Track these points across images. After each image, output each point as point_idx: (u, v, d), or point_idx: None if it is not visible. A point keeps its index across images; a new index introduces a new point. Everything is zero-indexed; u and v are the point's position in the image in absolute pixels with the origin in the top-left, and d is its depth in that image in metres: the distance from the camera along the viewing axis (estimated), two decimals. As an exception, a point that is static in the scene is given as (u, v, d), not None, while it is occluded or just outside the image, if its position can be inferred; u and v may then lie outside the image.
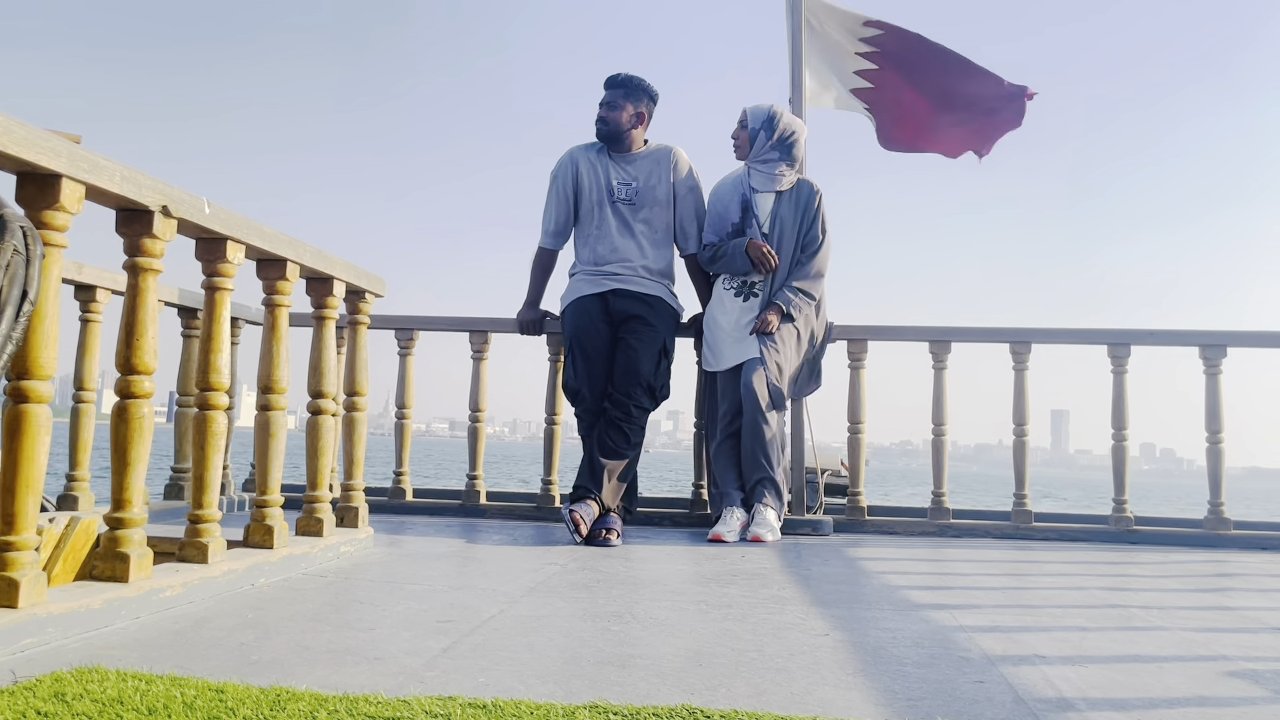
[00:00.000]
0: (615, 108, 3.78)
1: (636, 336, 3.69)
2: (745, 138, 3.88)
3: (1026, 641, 1.97)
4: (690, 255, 3.97)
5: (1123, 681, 1.67)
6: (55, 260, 1.72)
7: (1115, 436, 4.13)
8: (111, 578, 1.90)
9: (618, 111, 3.78)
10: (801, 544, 3.55)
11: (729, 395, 3.78)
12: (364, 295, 3.03)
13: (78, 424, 3.46)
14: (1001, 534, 4.04)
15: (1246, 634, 2.13)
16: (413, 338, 4.29)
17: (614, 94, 3.79)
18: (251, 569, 2.29)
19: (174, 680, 1.41)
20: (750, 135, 3.86)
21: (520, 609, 2.12)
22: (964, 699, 1.52)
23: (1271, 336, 4.16)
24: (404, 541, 3.24)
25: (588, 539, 3.33)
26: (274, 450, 2.53)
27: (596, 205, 3.82)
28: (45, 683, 1.37)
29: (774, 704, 1.44)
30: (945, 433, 4.17)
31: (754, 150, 3.85)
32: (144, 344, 1.98)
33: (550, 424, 4.19)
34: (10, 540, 1.66)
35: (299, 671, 1.54)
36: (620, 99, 3.78)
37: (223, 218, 2.21)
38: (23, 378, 1.69)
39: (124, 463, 1.96)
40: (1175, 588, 2.91)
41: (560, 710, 1.34)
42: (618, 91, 3.79)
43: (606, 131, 3.80)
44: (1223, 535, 3.99)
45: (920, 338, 4.21)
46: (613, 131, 3.79)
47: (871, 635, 1.98)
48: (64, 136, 1.74)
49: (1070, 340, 4.30)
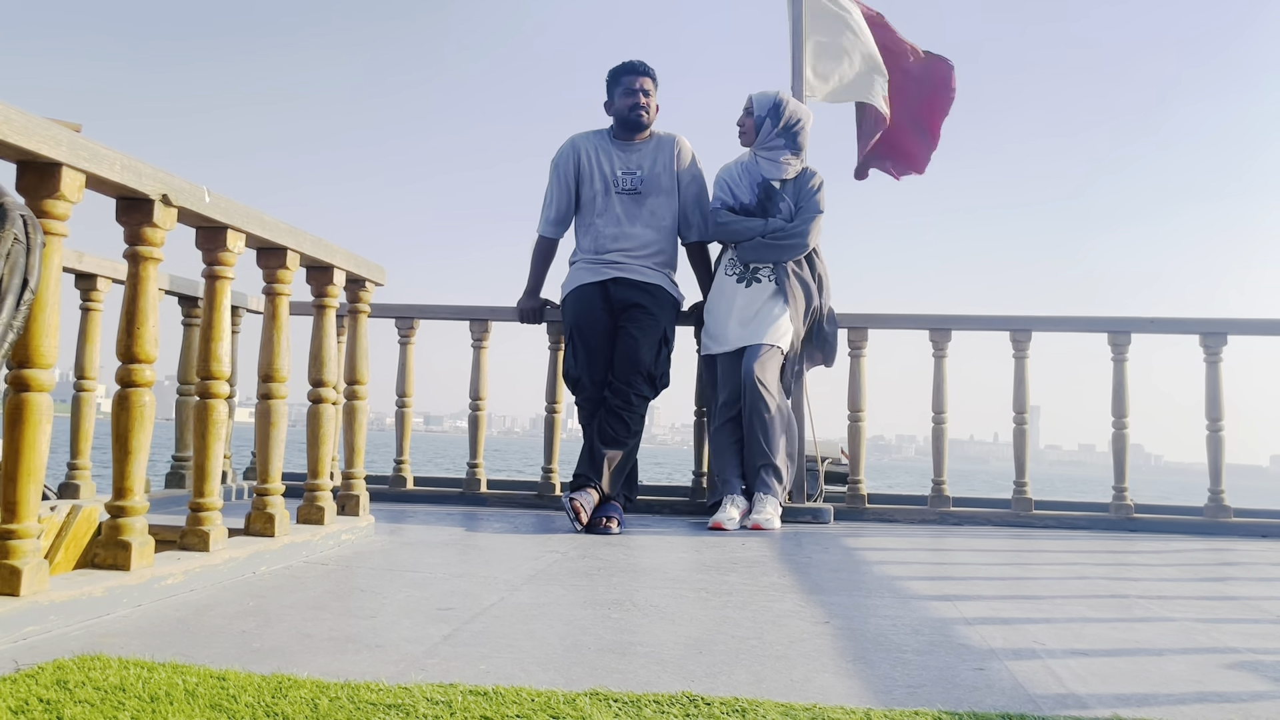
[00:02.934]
0: (648, 95, 3.77)
1: (637, 325, 3.68)
2: (751, 125, 3.84)
3: (1027, 630, 1.98)
4: (692, 244, 3.96)
5: (1124, 670, 1.67)
6: (56, 249, 1.72)
7: (1115, 425, 4.13)
8: (113, 566, 1.90)
9: (649, 99, 3.77)
10: (802, 532, 3.55)
11: (729, 382, 3.77)
12: (364, 284, 3.02)
13: (79, 412, 3.46)
14: (1002, 522, 4.05)
15: (1249, 623, 2.14)
16: (413, 326, 4.28)
17: (645, 81, 3.76)
18: (253, 557, 2.29)
19: (176, 668, 1.42)
20: (756, 122, 3.82)
21: (521, 596, 2.13)
22: (964, 686, 1.52)
23: (1272, 324, 4.14)
24: (405, 529, 3.24)
25: (588, 527, 3.34)
26: (275, 439, 2.53)
27: (599, 193, 3.80)
28: (47, 670, 1.37)
29: (774, 691, 1.45)
30: (945, 420, 4.17)
31: (759, 138, 3.81)
32: (145, 332, 1.98)
33: (550, 412, 4.20)
34: (12, 528, 1.66)
35: (300, 659, 1.54)
36: (651, 87, 3.77)
37: (223, 206, 2.21)
38: (24, 366, 1.69)
39: (125, 451, 1.96)
40: (1176, 576, 2.92)
41: (561, 697, 1.35)
42: (649, 79, 3.77)
43: (644, 121, 3.78)
44: (1223, 523, 4.00)
45: (920, 326, 4.21)
46: (647, 122, 3.78)
47: (871, 623, 1.98)
48: (65, 125, 1.73)
49: (1070, 328, 4.29)
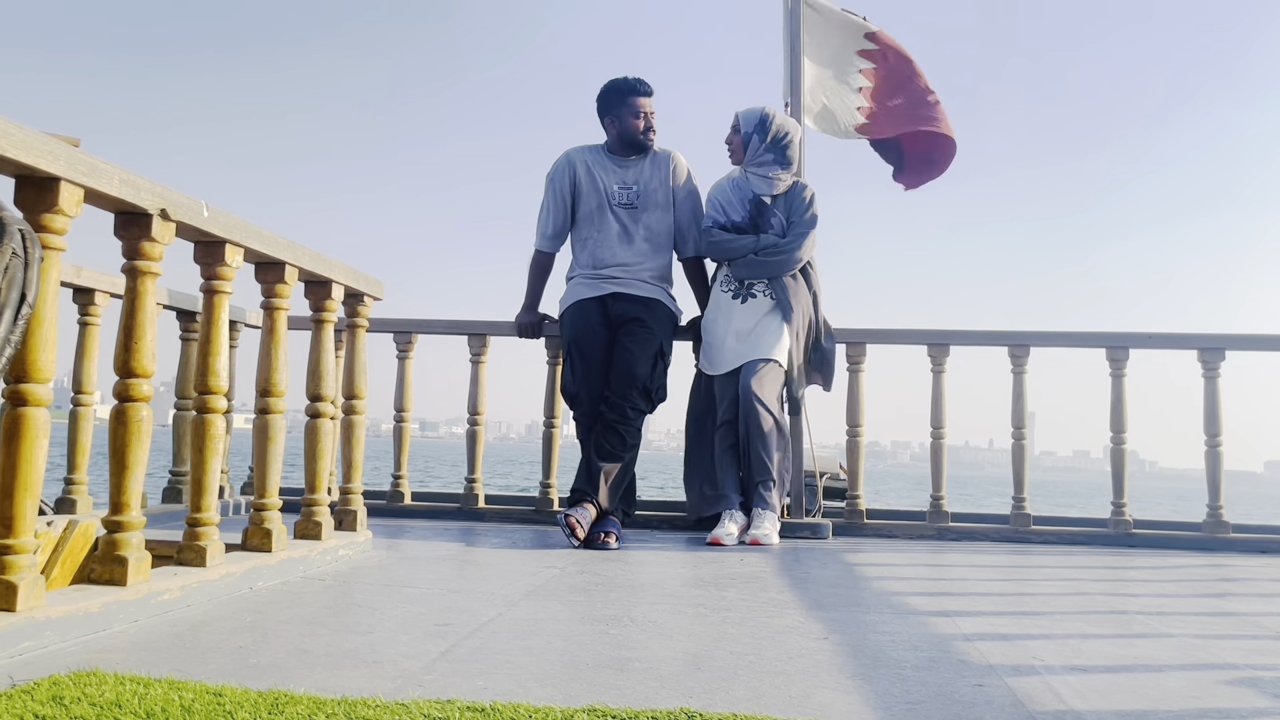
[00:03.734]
0: (652, 115, 3.80)
1: (634, 339, 3.69)
2: (739, 142, 3.83)
3: (1026, 646, 1.97)
4: (688, 259, 3.97)
5: (1123, 687, 1.66)
6: (54, 263, 1.72)
7: (1114, 440, 4.12)
8: (110, 581, 1.89)
9: (653, 118, 3.80)
10: (800, 547, 3.55)
11: (727, 398, 3.76)
12: (362, 298, 3.02)
13: (76, 427, 3.45)
14: (1000, 537, 4.04)
15: (1248, 639, 2.13)
16: (411, 341, 4.28)
17: (651, 102, 3.80)
18: (250, 572, 2.29)
19: (172, 683, 1.41)
20: (744, 139, 3.82)
21: (519, 612, 2.12)
22: (963, 703, 1.52)
23: (1269, 340, 4.15)
24: (402, 545, 3.23)
25: (586, 542, 3.33)
26: (272, 453, 2.53)
27: (596, 209, 3.81)
28: (43, 686, 1.37)
29: (773, 707, 1.44)
30: (944, 435, 4.17)
31: (748, 154, 3.81)
32: (142, 347, 1.98)
33: (549, 426, 4.20)
34: (8, 543, 1.66)
35: (297, 675, 1.53)
36: (654, 108, 3.80)
37: (221, 221, 2.21)
38: (21, 381, 1.69)
39: (122, 466, 1.96)
40: (1175, 592, 2.91)
41: (559, 714, 1.34)
42: (652, 99, 3.81)
43: (652, 143, 3.82)
44: (1222, 538, 3.99)
45: (919, 341, 4.21)
46: (653, 143, 3.82)
47: (870, 639, 1.98)
48: (63, 140, 1.74)
49: (1068, 344, 4.29)
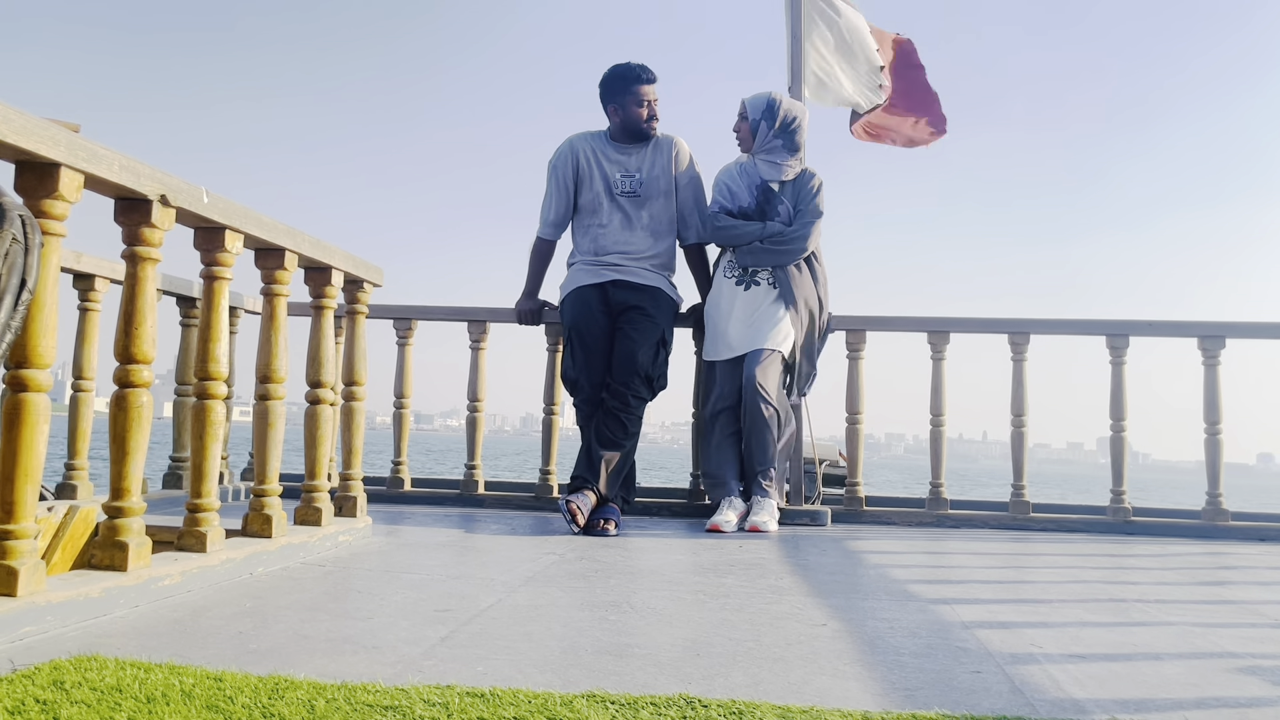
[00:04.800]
0: (655, 103, 3.77)
1: (635, 327, 3.68)
2: (747, 129, 3.82)
3: (1025, 633, 1.98)
4: (690, 246, 3.96)
5: (1121, 674, 1.67)
6: (54, 249, 1.72)
7: (1114, 428, 4.13)
8: (110, 566, 1.90)
9: (656, 106, 3.78)
10: (799, 534, 3.55)
11: (728, 384, 3.77)
12: (362, 285, 3.02)
13: (77, 413, 3.46)
14: (999, 524, 4.05)
15: (1247, 627, 2.14)
16: (411, 327, 4.28)
17: (654, 89, 3.77)
18: (250, 558, 2.29)
19: (172, 669, 1.42)
20: (751, 126, 3.80)
21: (518, 598, 2.13)
22: (961, 689, 1.52)
23: (1271, 328, 4.14)
24: (402, 531, 3.24)
25: (586, 529, 3.33)
26: (272, 440, 2.53)
27: (598, 196, 3.80)
28: (44, 671, 1.37)
29: (771, 693, 1.45)
30: (944, 424, 4.17)
31: (757, 141, 3.80)
32: (143, 333, 1.98)
33: (548, 413, 4.20)
34: (9, 529, 1.66)
35: (297, 660, 1.54)
36: (656, 93, 3.78)
37: (221, 207, 2.21)
38: (21, 366, 1.69)
39: (123, 452, 1.96)
40: (1174, 580, 2.92)
41: (558, 699, 1.35)
42: (655, 86, 3.78)
43: (655, 132, 3.80)
44: (1221, 526, 4.00)
45: (919, 328, 4.20)
46: (657, 132, 3.80)
47: (869, 625, 1.98)
48: (63, 125, 1.73)
49: (1069, 331, 4.28)
